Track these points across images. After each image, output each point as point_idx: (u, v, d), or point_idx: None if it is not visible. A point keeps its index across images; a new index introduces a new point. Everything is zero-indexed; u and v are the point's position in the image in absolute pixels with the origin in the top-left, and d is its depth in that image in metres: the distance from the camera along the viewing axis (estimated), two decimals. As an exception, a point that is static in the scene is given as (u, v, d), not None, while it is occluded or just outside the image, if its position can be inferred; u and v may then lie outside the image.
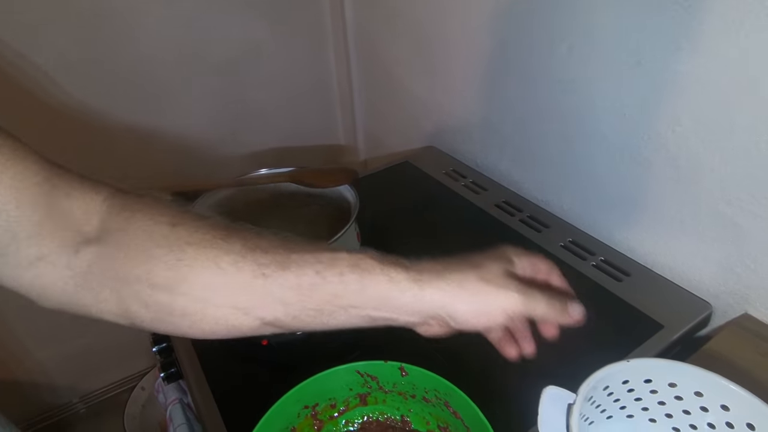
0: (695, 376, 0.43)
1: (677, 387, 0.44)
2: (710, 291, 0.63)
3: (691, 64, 0.55)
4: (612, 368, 0.43)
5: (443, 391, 0.44)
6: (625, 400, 0.46)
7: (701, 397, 0.43)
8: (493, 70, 0.82)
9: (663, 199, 0.64)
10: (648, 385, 0.45)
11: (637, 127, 0.63)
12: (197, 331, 0.35)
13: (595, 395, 0.44)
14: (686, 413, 0.45)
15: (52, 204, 0.32)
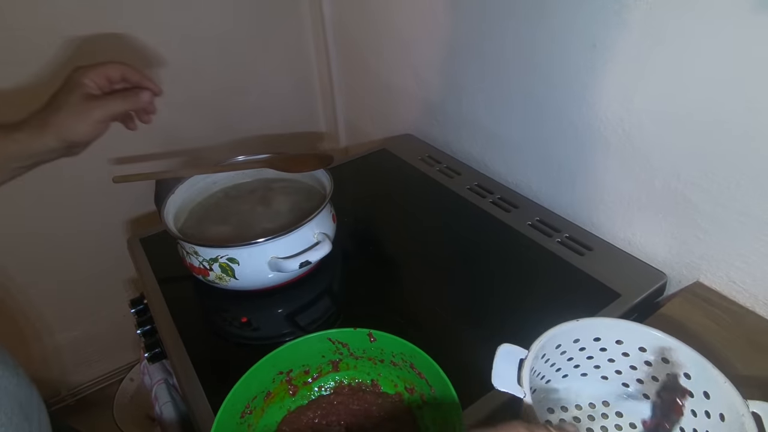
0: (637, 332, 0.46)
1: (623, 344, 0.48)
2: (665, 262, 0.66)
3: (640, 46, 0.58)
4: (563, 327, 0.46)
5: (408, 354, 0.47)
6: (578, 358, 0.50)
7: (644, 352, 0.47)
8: (461, 59, 0.85)
9: (621, 176, 0.68)
10: (597, 344, 0.48)
11: (596, 109, 0.67)
12: None
13: (549, 353, 0.48)
14: (633, 368, 0.49)
15: None
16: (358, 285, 0.71)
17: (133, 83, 0.59)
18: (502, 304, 0.64)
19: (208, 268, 0.64)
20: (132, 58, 1.01)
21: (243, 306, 0.68)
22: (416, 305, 0.65)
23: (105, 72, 0.57)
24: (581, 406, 0.50)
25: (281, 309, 0.67)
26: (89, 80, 0.55)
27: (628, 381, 0.50)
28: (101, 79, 0.57)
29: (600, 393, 0.51)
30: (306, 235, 0.65)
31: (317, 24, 1.18)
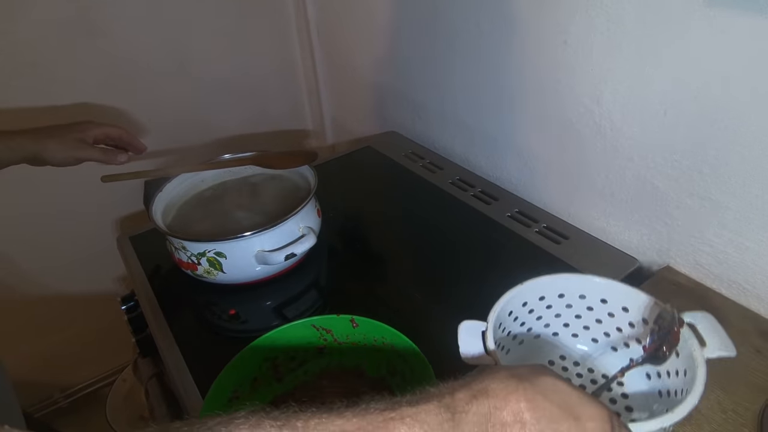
0: (597, 283, 0.51)
1: (587, 298, 0.51)
2: (637, 248, 0.69)
3: (607, 43, 0.61)
4: (513, 291, 0.50)
5: (390, 337, 0.49)
6: (547, 317, 0.54)
7: (606, 303, 0.50)
8: (442, 56, 0.88)
9: (595, 168, 0.71)
10: (563, 300, 0.52)
11: (568, 104, 0.70)
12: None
13: (516, 311, 0.51)
14: (598, 322, 0.52)
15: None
16: (343, 277, 0.74)
17: (123, 143, 0.75)
18: (483, 291, 0.65)
19: (196, 262, 0.65)
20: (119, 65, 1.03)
21: (231, 299, 0.70)
22: (400, 295, 0.68)
23: (107, 131, 0.73)
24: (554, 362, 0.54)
25: (269, 301, 0.69)
26: (91, 134, 0.71)
27: (596, 336, 0.53)
28: (101, 135, 0.73)
29: (572, 348, 0.55)
30: (291, 228, 0.67)
31: (301, 22, 1.20)
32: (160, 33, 1.06)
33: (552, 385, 0.31)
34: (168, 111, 1.12)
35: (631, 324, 0.50)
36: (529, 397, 0.30)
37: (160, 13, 1.05)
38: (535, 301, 0.52)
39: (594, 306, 0.51)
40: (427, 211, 0.84)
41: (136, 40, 1.03)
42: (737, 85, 0.51)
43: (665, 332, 0.44)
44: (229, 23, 1.14)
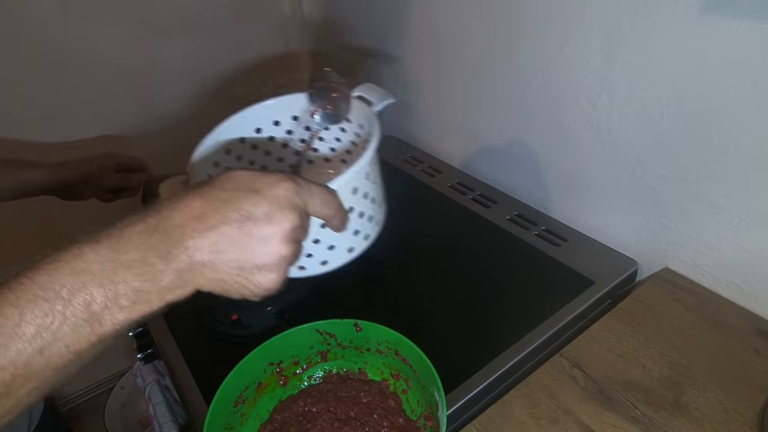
0: (292, 102, 0.51)
1: (280, 125, 0.53)
2: (636, 250, 0.70)
3: (604, 47, 0.62)
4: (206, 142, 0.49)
5: (393, 341, 0.50)
6: (276, 151, 0.55)
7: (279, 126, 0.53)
8: (440, 60, 0.89)
9: (593, 170, 0.72)
10: (278, 128, 0.53)
11: (566, 107, 0.70)
12: None
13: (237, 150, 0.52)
14: (321, 140, 0.55)
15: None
16: (344, 281, 0.73)
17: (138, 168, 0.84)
18: (483, 294, 0.67)
19: (198, 268, 0.65)
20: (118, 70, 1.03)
21: (233, 304, 0.69)
22: (400, 298, 0.68)
23: (129, 162, 0.83)
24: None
25: (270, 306, 0.69)
26: (113, 162, 0.81)
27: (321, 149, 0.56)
28: (123, 165, 0.82)
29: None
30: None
31: (296, 20, 1.20)
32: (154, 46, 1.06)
33: (228, 176, 0.33)
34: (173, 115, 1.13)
35: (342, 129, 0.54)
36: (203, 194, 0.31)
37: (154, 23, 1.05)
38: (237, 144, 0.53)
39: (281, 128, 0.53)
40: (426, 215, 0.85)
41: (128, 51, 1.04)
42: (734, 89, 0.52)
43: (325, 91, 0.47)
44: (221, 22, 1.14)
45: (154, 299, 0.30)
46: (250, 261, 0.31)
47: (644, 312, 0.61)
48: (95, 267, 0.28)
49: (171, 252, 0.30)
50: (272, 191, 0.32)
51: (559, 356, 0.56)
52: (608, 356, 0.56)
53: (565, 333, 0.62)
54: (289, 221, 0.32)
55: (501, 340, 0.59)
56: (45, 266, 0.28)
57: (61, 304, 0.28)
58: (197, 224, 0.30)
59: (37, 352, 0.27)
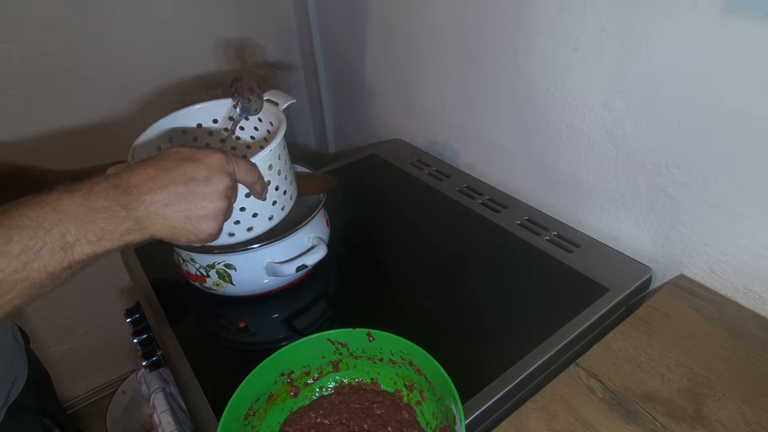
0: (197, 110, 0.65)
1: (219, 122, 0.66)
2: (650, 256, 0.69)
3: (619, 48, 0.61)
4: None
5: (407, 351, 0.48)
6: None
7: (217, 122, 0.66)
8: (445, 62, 0.87)
9: (606, 175, 0.70)
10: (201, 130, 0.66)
11: (578, 110, 0.69)
12: None
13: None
14: (242, 130, 0.68)
15: None
16: (353, 287, 0.73)
17: None
18: (495, 302, 0.66)
19: (204, 274, 0.64)
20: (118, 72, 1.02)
21: (240, 311, 0.69)
22: (410, 304, 0.67)
23: None
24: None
25: (278, 313, 0.68)
26: None
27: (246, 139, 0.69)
28: None
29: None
30: (301, 239, 0.66)
31: (303, 29, 1.19)
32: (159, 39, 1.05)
33: (173, 151, 0.43)
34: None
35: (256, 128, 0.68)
36: (153, 163, 0.41)
37: (163, 27, 1.04)
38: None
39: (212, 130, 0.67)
40: (435, 219, 0.83)
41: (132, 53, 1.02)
42: (755, 93, 0.51)
43: (243, 89, 0.62)
44: (228, 25, 1.13)
45: (116, 238, 0.38)
46: (194, 212, 0.41)
47: (661, 320, 0.59)
48: (71, 209, 0.36)
49: (131, 203, 0.38)
50: (208, 160, 0.43)
51: (575, 366, 0.55)
52: (626, 366, 0.55)
53: (580, 341, 0.60)
54: (223, 182, 0.43)
55: (514, 348, 0.58)
56: (30, 204, 0.36)
57: (43, 232, 0.35)
58: (152, 184, 0.39)
59: (21, 266, 0.34)
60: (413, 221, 0.84)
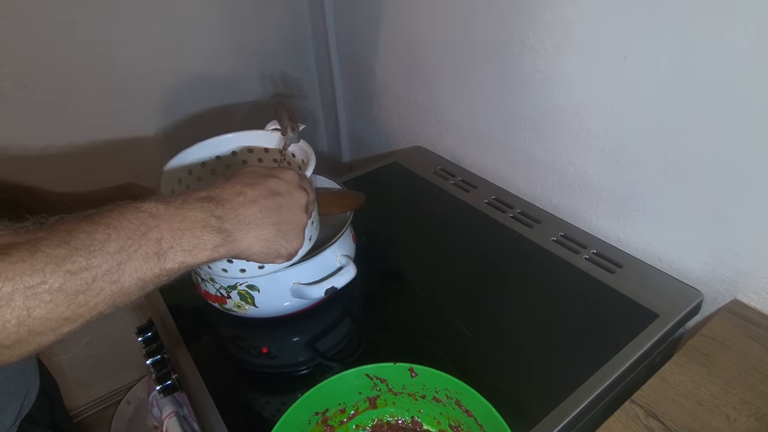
0: (229, 139, 0.64)
1: (253, 152, 0.65)
2: (700, 279, 0.64)
3: (673, 57, 0.56)
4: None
5: (454, 389, 0.44)
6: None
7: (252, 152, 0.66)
8: (475, 66, 0.83)
9: (652, 190, 0.66)
10: (235, 157, 0.65)
11: (625, 121, 0.65)
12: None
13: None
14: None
15: None
16: (380, 308, 0.68)
17: None
18: (535, 326, 0.62)
19: (225, 295, 0.60)
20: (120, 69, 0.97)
21: (260, 333, 0.64)
22: (444, 329, 0.62)
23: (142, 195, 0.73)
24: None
25: (301, 336, 0.64)
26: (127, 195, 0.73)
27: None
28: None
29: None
30: (328, 258, 0.61)
31: (319, 31, 1.15)
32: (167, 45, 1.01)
33: (249, 170, 0.44)
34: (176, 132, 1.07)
35: (275, 160, 0.65)
36: (236, 180, 0.42)
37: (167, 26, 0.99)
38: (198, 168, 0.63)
39: (245, 158, 0.66)
40: (464, 234, 0.79)
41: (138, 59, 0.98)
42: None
43: (283, 118, 0.61)
44: (243, 28, 1.08)
45: (209, 249, 0.38)
46: (284, 225, 0.42)
47: (719, 352, 0.55)
48: (167, 216, 0.36)
49: (226, 215, 0.39)
50: (285, 176, 0.44)
51: (630, 403, 0.51)
52: (686, 404, 0.50)
53: (631, 373, 0.56)
54: (303, 196, 0.44)
55: (562, 380, 0.53)
56: (128, 207, 0.36)
57: (139, 234, 0.34)
58: (242, 198, 0.40)
59: (115, 266, 0.33)
60: (440, 236, 0.80)
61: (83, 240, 0.32)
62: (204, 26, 1.03)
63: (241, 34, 1.08)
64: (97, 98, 0.97)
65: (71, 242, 0.32)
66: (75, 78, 0.93)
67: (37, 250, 0.31)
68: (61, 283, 0.31)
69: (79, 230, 0.32)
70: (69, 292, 0.31)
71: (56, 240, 0.31)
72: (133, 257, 0.34)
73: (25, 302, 0.30)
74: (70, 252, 0.31)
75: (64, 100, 0.94)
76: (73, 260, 0.31)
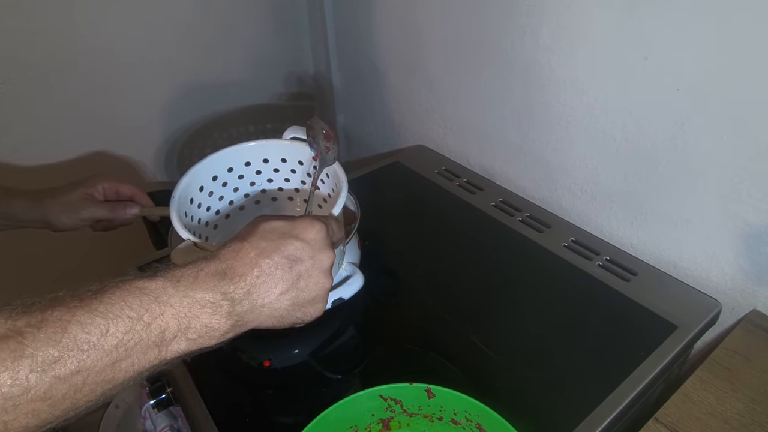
0: (251, 147, 0.60)
1: (269, 162, 0.62)
2: (718, 288, 0.62)
3: (699, 60, 0.54)
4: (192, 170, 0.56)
5: (475, 412, 0.41)
6: (243, 187, 0.63)
7: (268, 162, 0.62)
8: (481, 64, 0.80)
9: (669, 196, 0.64)
10: (249, 168, 0.61)
11: (644, 127, 0.62)
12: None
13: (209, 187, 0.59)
14: (270, 181, 0.63)
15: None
16: (386, 316, 0.65)
17: (134, 200, 0.70)
18: (550, 337, 0.59)
19: (224, 306, 0.56)
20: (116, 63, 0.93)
21: (261, 345, 0.61)
22: (454, 340, 0.59)
23: (117, 187, 0.68)
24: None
25: (304, 348, 0.60)
26: (100, 187, 0.67)
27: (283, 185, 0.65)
28: (111, 191, 0.68)
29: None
30: (334, 268, 0.58)
31: (316, 25, 1.11)
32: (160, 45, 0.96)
33: (268, 226, 0.38)
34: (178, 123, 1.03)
35: (293, 170, 0.63)
36: (255, 245, 0.36)
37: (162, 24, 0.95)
38: (210, 183, 0.59)
39: (260, 168, 0.62)
40: (471, 238, 0.76)
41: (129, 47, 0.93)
42: None
43: (319, 137, 0.56)
44: (238, 25, 1.04)
45: (216, 337, 0.34)
46: (302, 297, 0.38)
47: (743, 366, 0.53)
48: (174, 300, 0.32)
49: (238, 295, 0.34)
50: (309, 235, 0.38)
51: (654, 421, 0.49)
52: (712, 422, 0.48)
53: (652, 387, 0.54)
54: (328, 258, 0.39)
55: (582, 398, 0.51)
56: (131, 288, 0.31)
57: (141, 326, 0.30)
58: (257, 270, 0.35)
59: (110, 364, 0.29)
60: (446, 240, 0.77)
61: (76, 336, 0.28)
62: (194, 23, 0.98)
63: (235, 32, 1.04)
64: (90, 101, 0.92)
65: (63, 341, 0.28)
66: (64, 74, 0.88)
67: (22, 351, 0.26)
68: (47, 389, 0.27)
69: (74, 323, 0.28)
70: (55, 399, 0.28)
71: (45, 337, 0.27)
72: (132, 352, 0.30)
73: (2, 416, 0.26)
74: (60, 353, 0.27)
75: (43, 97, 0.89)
76: (64, 363, 0.27)
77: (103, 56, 0.91)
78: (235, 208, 0.64)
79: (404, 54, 0.95)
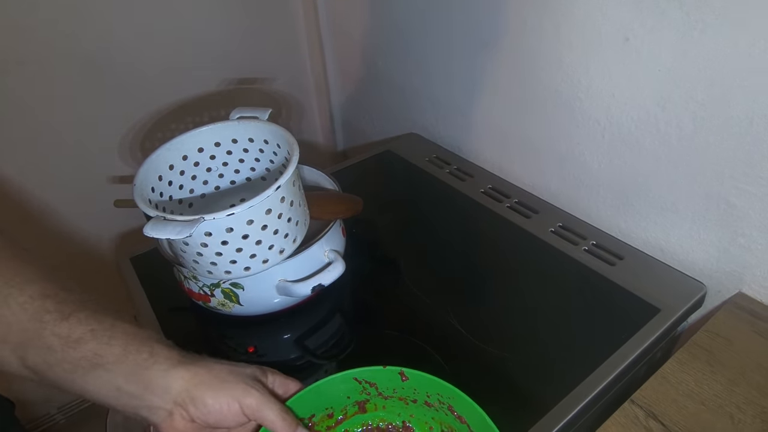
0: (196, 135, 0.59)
1: (238, 142, 0.61)
2: (703, 271, 0.62)
3: (680, 38, 0.53)
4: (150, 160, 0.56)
5: (446, 395, 0.42)
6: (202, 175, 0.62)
7: (253, 142, 0.61)
8: (474, 51, 0.79)
9: (654, 179, 0.63)
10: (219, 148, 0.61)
11: (627, 108, 0.62)
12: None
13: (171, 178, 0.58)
14: (257, 161, 0.62)
15: None
16: (371, 303, 0.66)
17: None
18: (531, 323, 0.60)
19: (209, 293, 0.58)
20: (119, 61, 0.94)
21: (247, 331, 0.62)
22: (436, 325, 0.60)
23: (286, 382, 0.44)
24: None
25: (289, 333, 0.62)
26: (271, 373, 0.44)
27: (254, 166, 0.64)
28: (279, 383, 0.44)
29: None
30: (316, 254, 0.59)
31: (309, 12, 1.10)
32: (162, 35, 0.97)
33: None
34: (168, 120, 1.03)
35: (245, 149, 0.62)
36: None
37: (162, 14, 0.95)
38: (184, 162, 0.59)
39: (243, 148, 0.62)
40: (459, 225, 0.76)
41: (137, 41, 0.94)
42: None
43: None
44: (232, 17, 1.04)
45: None
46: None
47: (723, 348, 0.53)
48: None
49: None
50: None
51: (630, 403, 0.49)
52: (688, 404, 0.48)
53: (631, 371, 0.54)
54: None
55: (559, 380, 0.51)
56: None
57: None
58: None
59: None
60: (435, 227, 0.77)
61: None
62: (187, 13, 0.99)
63: (228, 21, 1.04)
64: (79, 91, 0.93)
65: None
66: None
67: None
68: None
69: None
70: None
71: None
72: None
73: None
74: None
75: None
76: None
77: (116, 56, 0.92)
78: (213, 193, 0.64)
79: (396, 41, 0.95)
